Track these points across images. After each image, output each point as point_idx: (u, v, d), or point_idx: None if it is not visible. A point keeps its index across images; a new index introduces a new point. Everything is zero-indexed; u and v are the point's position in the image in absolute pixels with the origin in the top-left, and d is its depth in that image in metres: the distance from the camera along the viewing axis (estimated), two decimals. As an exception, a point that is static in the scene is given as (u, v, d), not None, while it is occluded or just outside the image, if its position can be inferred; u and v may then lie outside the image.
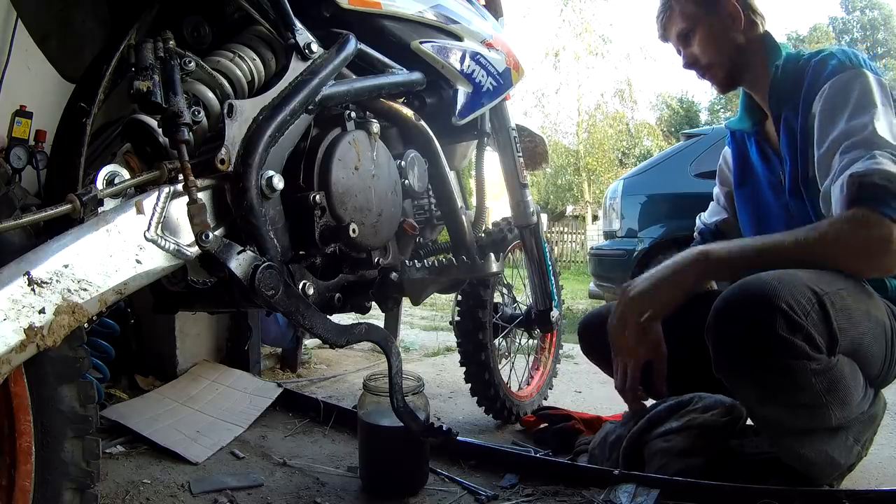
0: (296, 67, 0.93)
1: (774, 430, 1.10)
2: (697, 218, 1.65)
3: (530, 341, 1.98)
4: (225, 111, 0.83)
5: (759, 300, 0.98)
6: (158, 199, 0.75)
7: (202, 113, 0.85)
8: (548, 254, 1.76)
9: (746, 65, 1.33)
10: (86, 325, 0.70)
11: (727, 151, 1.56)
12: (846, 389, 1.04)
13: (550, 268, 1.78)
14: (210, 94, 0.88)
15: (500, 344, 1.85)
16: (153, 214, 0.74)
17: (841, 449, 1.10)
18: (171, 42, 0.82)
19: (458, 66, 1.24)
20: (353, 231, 0.96)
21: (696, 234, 1.63)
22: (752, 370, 1.02)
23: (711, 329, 1.05)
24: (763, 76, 1.32)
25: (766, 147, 1.39)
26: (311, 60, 0.95)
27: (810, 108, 1.19)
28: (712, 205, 1.61)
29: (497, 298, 1.80)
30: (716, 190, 1.60)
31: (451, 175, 1.27)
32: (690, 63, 1.38)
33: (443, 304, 4.98)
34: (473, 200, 1.67)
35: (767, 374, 1.00)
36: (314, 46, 0.96)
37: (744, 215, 1.47)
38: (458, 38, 1.27)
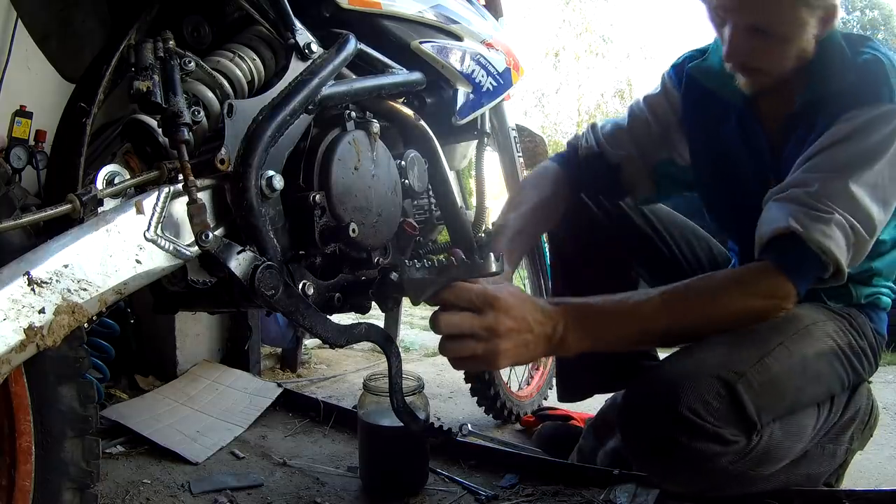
0: (296, 67, 0.93)
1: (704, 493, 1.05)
2: (590, 129, 1.35)
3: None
4: (225, 111, 0.83)
5: (660, 405, 0.90)
6: (158, 199, 0.75)
7: (202, 113, 0.85)
8: (548, 253, 1.77)
9: (796, 74, 1.06)
10: (86, 325, 0.70)
11: (670, 88, 1.27)
12: (782, 451, 0.98)
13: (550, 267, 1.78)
14: (210, 94, 0.88)
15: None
16: (153, 214, 0.74)
17: (815, 462, 1.08)
18: (171, 42, 0.82)
19: (458, 66, 1.24)
20: (353, 231, 0.96)
21: (580, 147, 1.33)
22: (662, 471, 0.98)
23: (618, 423, 1.02)
24: (801, 81, 1.07)
25: (755, 126, 1.14)
26: (311, 60, 0.95)
27: (835, 120, 1.00)
28: (619, 130, 1.30)
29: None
30: (640, 116, 1.30)
31: (451, 175, 1.27)
32: (741, 58, 1.05)
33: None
34: (473, 200, 1.67)
35: (677, 474, 0.96)
36: (314, 46, 0.96)
37: (712, 195, 1.29)
38: (458, 38, 1.27)
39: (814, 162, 0.98)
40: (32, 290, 0.62)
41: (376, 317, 1.28)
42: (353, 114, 1.03)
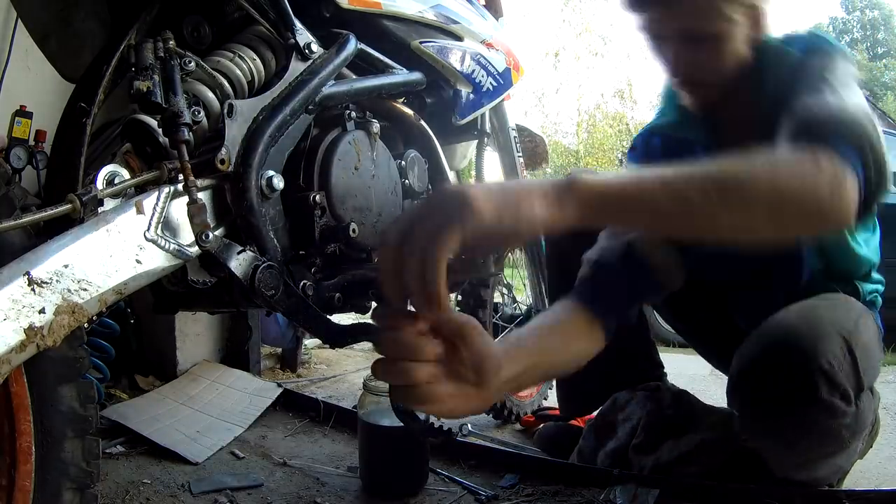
0: (296, 67, 0.93)
1: (791, 469, 1.05)
2: (584, 260, 1.06)
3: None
4: (225, 111, 0.83)
5: (798, 359, 0.86)
6: (158, 199, 0.75)
7: (202, 113, 0.85)
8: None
9: (742, 89, 1.04)
10: (86, 325, 0.70)
11: (643, 152, 1.24)
12: (867, 423, 1.00)
13: (550, 268, 1.78)
14: (210, 94, 0.88)
15: (500, 344, 1.84)
16: (153, 214, 0.74)
17: (849, 456, 1.09)
18: (171, 42, 0.82)
19: (458, 66, 1.24)
20: (353, 231, 0.96)
21: (588, 272, 1.04)
22: (790, 434, 0.93)
23: (739, 391, 0.94)
24: (749, 96, 1.05)
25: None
26: (311, 60, 0.95)
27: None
28: (611, 229, 1.08)
29: (497, 298, 1.80)
30: None
31: (451, 175, 1.27)
32: (682, 71, 1.04)
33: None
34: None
35: (805, 437, 0.93)
36: (314, 46, 0.96)
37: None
38: (459, 39, 1.27)
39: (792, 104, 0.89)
40: (32, 290, 0.62)
41: (376, 317, 1.28)
42: (354, 114, 1.03)
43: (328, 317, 0.91)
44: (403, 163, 1.12)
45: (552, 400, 1.95)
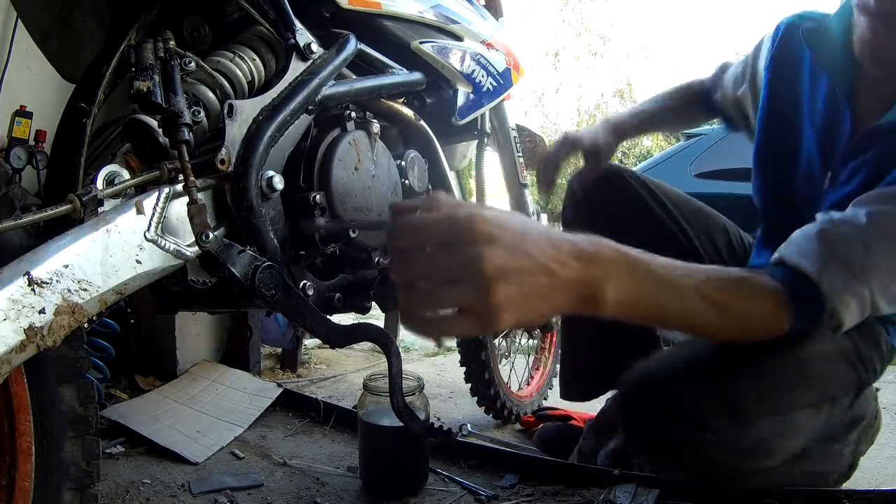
0: (296, 68, 0.93)
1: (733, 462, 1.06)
2: (724, 70, 1.40)
3: (530, 341, 1.98)
4: (225, 111, 0.83)
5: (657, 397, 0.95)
6: (158, 199, 0.75)
7: (202, 113, 0.85)
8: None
9: None
10: (86, 325, 0.70)
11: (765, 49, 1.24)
12: (771, 448, 1.00)
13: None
14: (210, 95, 0.88)
15: (499, 344, 1.85)
16: (153, 214, 0.74)
17: (819, 461, 1.08)
18: (171, 42, 0.82)
19: (458, 66, 1.24)
20: (353, 231, 0.96)
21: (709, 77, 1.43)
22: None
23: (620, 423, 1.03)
24: None
25: (842, 113, 1.07)
26: (311, 61, 0.95)
27: None
28: (736, 79, 1.35)
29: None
30: (749, 64, 1.30)
31: (451, 175, 1.27)
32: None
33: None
34: (473, 200, 1.67)
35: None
36: (314, 46, 0.96)
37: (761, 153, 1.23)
38: (459, 39, 1.27)
39: (875, 216, 0.90)
40: (32, 290, 0.62)
41: (376, 317, 1.28)
42: (354, 114, 1.03)
43: (328, 317, 0.91)
44: (403, 163, 1.12)
45: (552, 400, 1.95)
